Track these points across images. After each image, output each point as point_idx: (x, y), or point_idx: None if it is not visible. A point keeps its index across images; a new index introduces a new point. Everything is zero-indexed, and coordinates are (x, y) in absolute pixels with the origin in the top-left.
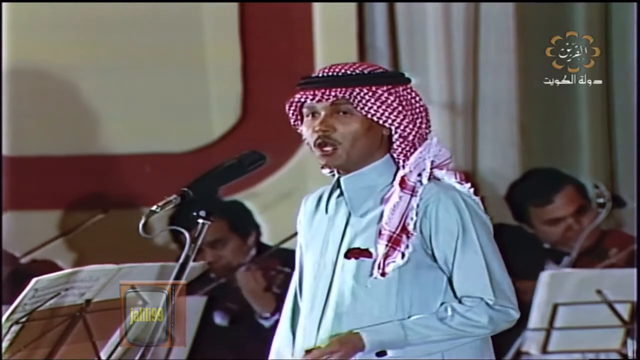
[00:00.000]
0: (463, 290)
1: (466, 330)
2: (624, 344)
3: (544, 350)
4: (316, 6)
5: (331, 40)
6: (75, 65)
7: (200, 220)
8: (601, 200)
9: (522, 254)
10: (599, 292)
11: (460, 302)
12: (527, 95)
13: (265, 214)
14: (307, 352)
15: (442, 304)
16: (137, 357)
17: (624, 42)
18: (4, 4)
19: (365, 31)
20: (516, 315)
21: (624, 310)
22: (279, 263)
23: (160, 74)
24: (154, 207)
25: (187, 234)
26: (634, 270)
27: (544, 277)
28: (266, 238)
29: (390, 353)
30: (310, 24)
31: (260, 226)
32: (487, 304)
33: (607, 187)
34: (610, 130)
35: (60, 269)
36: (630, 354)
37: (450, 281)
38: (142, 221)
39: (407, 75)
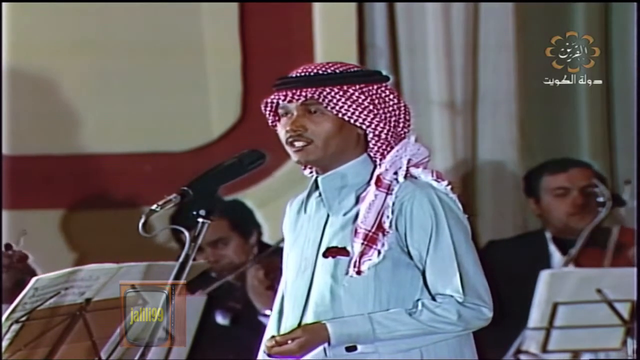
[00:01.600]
0: (435, 288)
1: (435, 325)
2: (624, 343)
3: (544, 349)
4: (316, 6)
5: (331, 40)
6: (75, 65)
7: (200, 220)
8: (601, 199)
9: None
10: (599, 291)
11: (434, 299)
12: (526, 94)
13: (265, 214)
14: (272, 338)
15: (417, 301)
16: (137, 357)
17: (624, 42)
18: (4, 4)
19: (365, 31)
20: (489, 313)
21: (624, 310)
22: (281, 262)
23: (160, 74)
24: (153, 206)
25: (186, 233)
26: (634, 270)
27: (544, 275)
28: (266, 237)
29: (363, 348)
30: (310, 24)
31: (261, 225)
32: (457, 301)
33: (607, 186)
34: (610, 130)
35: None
36: (630, 353)
37: (424, 278)
38: (142, 220)
39: (384, 73)
